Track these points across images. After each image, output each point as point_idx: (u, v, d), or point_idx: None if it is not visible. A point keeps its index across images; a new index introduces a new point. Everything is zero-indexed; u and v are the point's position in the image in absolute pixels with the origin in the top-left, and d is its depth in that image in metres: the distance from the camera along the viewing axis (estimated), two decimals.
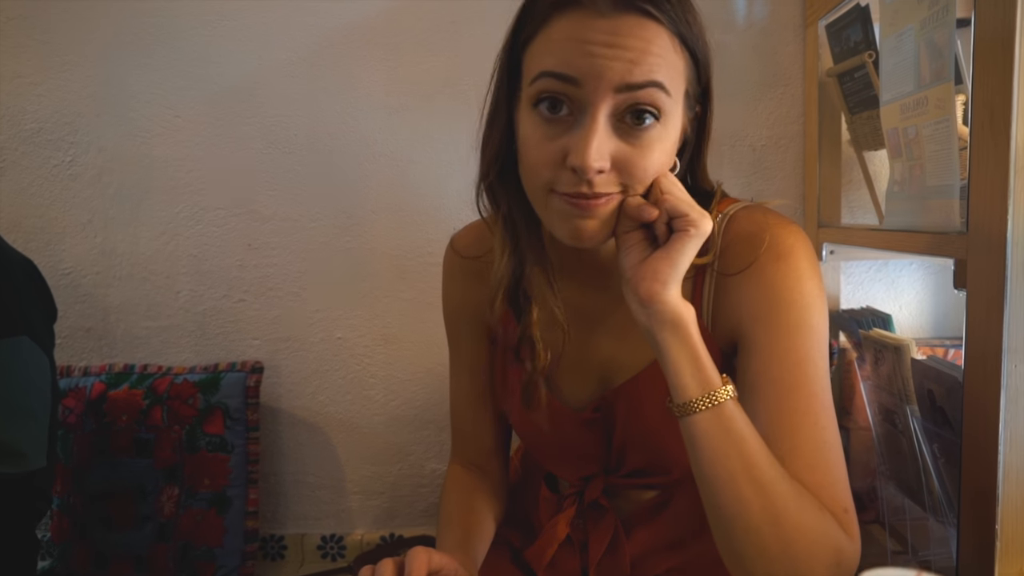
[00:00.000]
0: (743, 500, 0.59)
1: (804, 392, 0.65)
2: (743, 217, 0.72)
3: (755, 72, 1.29)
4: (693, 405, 0.61)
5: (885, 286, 1.33)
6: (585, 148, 0.59)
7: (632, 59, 0.59)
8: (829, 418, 0.66)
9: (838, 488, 0.64)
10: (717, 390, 0.60)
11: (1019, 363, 0.71)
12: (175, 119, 1.31)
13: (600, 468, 0.81)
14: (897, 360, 0.99)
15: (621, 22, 0.60)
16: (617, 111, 0.61)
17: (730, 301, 0.71)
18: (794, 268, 0.68)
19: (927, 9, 0.84)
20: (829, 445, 0.65)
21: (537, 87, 0.62)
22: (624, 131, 0.62)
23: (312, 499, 1.38)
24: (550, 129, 0.62)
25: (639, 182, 0.63)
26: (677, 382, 0.61)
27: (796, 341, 0.66)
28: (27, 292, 1.02)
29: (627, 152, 0.61)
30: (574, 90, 0.60)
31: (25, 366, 0.95)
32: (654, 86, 0.60)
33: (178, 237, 1.34)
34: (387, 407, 1.36)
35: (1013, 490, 0.72)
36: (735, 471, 0.59)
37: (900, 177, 0.96)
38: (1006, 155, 0.69)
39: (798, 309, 0.67)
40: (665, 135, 0.63)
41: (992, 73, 0.71)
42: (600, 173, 0.61)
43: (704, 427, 0.60)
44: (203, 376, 1.25)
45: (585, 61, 0.59)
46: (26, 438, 0.94)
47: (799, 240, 0.69)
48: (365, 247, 1.33)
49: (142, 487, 1.22)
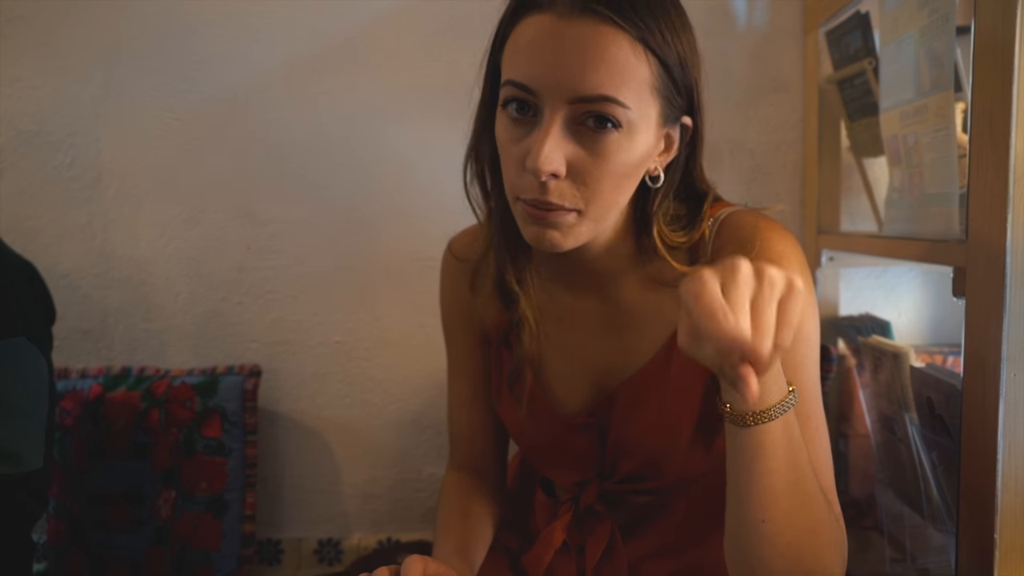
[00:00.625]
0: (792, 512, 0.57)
1: (801, 399, 0.65)
2: (734, 221, 0.72)
3: (755, 78, 1.29)
4: (769, 412, 0.56)
5: (884, 293, 1.33)
6: (538, 151, 0.60)
7: (582, 70, 0.59)
8: (822, 424, 0.67)
9: (834, 492, 0.65)
10: (789, 395, 0.58)
11: (1018, 372, 0.71)
12: (175, 122, 1.31)
13: (595, 473, 0.81)
14: (896, 367, 0.99)
15: (578, 26, 0.60)
16: (575, 116, 0.61)
17: None
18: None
19: (927, 17, 0.84)
20: (826, 450, 0.66)
21: (503, 93, 0.64)
22: (583, 136, 0.62)
23: (309, 503, 1.38)
24: (516, 131, 0.64)
25: (595, 194, 0.63)
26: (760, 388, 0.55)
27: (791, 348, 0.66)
28: (26, 293, 1.02)
29: (583, 159, 0.62)
30: (532, 98, 0.62)
31: (22, 367, 0.95)
32: (606, 100, 0.60)
33: (177, 240, 1.33)
34: (385, 411, 1.36)
35: (1012, 499, 0.72)
36: (790, 483, 0.57)
37: (900, 184, 0.96)
38: (1005, 163, 0.69)
39: None
40: (628, 146, 0.62)
41: (992, 81, 0.71)
42: (554, 177, 0.61)
43: (773, 437, 0.57)
44: (201, 379, 1.25)
45: (539, 71, 0.61)
46: (22, 439, 0.93)
47: (789, 246, 0.69)
48: (364, 250, 1.33)
49: (139, 490, 1.22)
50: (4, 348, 0.93)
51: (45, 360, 0.99)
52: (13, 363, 0.94)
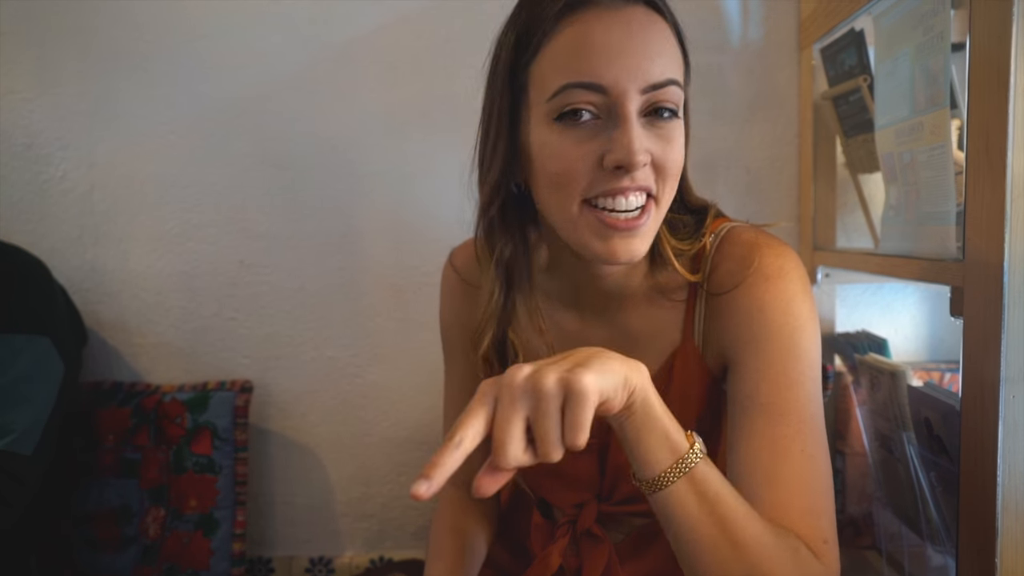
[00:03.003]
0: (724, 563, 0.56)
1: (794, 418, 0.64)
2: (734, 237, 0.71)
3: (750, 94, 1.29)
4: (664, 478, 0.56)
5: (881, 309, 1.33)
6: (629, 143, 0.59)
7: (650, 56, 0.60)
8: (819, 445, 0.64)
9: (822, 519, 0.62)
10: (686, 454, 0.56)
11: (1017, 393, 0.70)
12: (168, 135, 1.30)
13: (593, 495, 0.80)
14: (893, 386, 0.98)
15: (631, 15, 0.61)
16: (643, 109, 0.61)
17: (720, 321, 0.70)
18: (783, 290, 0.67)
19: (922, 35, 0.84)
20: (818, 474, 0.63)
21: (560, 100, 0.61)
22: (650, 125, 0.62)
23: (301, 521, 1.36)
24: (577, 134, 0.61)
25: (669, 175, 0.64)
26: (645, 458, 0.56)
27: (786, 365, 0.65)
28: (63, 307, 1.13)
29: (658, 145, 0.62)
30: (600, 97, 0.60)
31: (37, 364, 1.01)
32: (673, 84, 0.62)
33: (169, 254, 1.32)
34: (378, 427, 1.35)
35: (1012, 522, 0.71)
36: (715, 536, 0.56)
37: (896, 202, 0.96)
38: (1002, 182, 0.69)
39: (788, 332, 0.66)
40: (682, 128, 0.65)
41: (987, 99, 0.71)
42: (645, 165, 0.62)
43: (678, 497, 0.56)
44: (191, 395, 1.24)
45: (606, 65, 0.59)
46: (19, 419, 0.97)
47: (789, 261, 0.68)
48: (359, 265, 1.32)
49: (127, 508, 1.20)
50: (26, 341, 1.00)
51: (64, 369, 1.05)
52: (30, 357, 1.00)
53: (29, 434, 0.97)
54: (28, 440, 0.96)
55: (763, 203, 1.30)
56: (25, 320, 1.01)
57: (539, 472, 0.82)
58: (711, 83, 1.28)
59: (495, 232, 0.71)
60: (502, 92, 0.66)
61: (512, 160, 0.67)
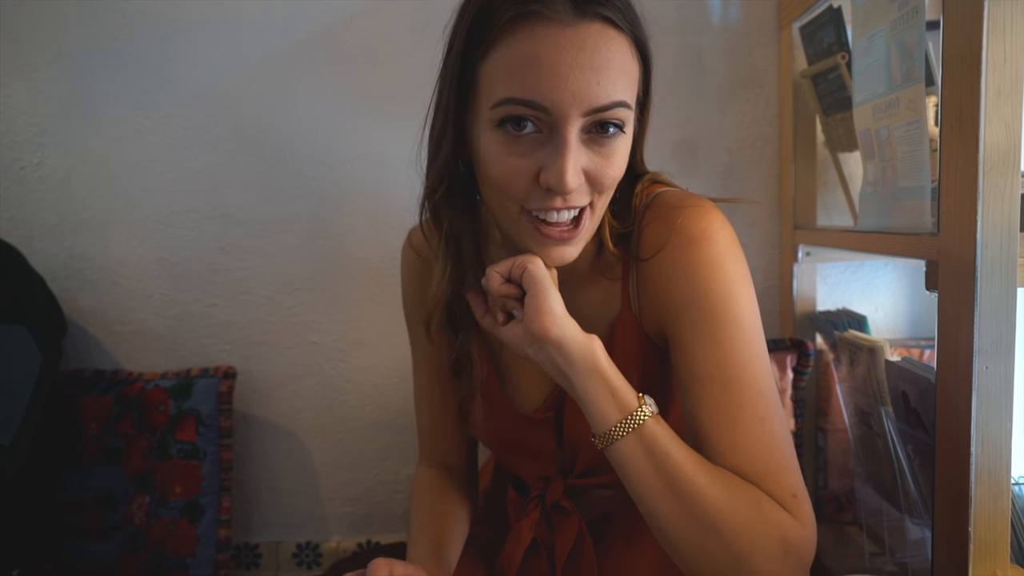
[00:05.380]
0: (674, 515, 0.60)
1: (736, 385, 0.63)
2: (661, 201, 0.71)
3: (730, 74, 1.29)
4: (614, 432, 0.61)
5: (861, 287, 1.34)
6: (562, 170, 0.59)
7: (598, 80, 0.58)
8: (769, 406, 0.64)
9: (785, 475, 0.63)
10: (634, 412, 0.62)
11: (990, 364, 0.71)
12: (145, 121, 1.29)
13: (557, 469, 0.81)
14: (871, 362, 0.99)
15: (585, 33, 0.58)
16: (586, 126, 0.61)
17: (651, 288, 0.70)
18: (707, 252, 0.65)
19: (897, 11, 0.84)
20: (771, 433, 0.63)
21: (502, 111, 0.60)
22: (591, 142, 0.62)
23: (287, 506, 1.36)
24: (517, 146, 0.61)
25: (607, 189, 0.64)
26: (596, 412, 0.62)
27: (720, 334, 0.64)
28: (42, 296, 1.13)
29: (596, 163, 0.62)
30: (542, 115, 0.59)
31: (14, 354, 1.00)
32: (620, 106, 0.60)
33: (149, 241, 1.31)
34: (362, 412, 1.35)
35: (985, 493, 0.72)
36: (662, 490, 0.60)
37: (873, 178, 0.96)
38: (975, 157, 0.69)
39: (715, 297, 0.65)
40: (627, 142, 0.64)
41: (960, 75, 0.71)
42: (577, 188, 0.61)
43: (628, 451, 0.61)
44: (174, 382, 1.23)
45: (551, 85, 0.58)
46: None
47: (714, 222, 0.67)
48: (339, 250, 1.31)
49: (111, 496, 1.20)
50: (3, 331, 0.99)
51: (41, 358, 1.04)
52: (7, 347, 0.99)
53: (6, 425, 0.96)
54: (5, 431, 0.96)
55: (744, 183, 1.30)
56: (1, 310, 1.00)
57: (504, 444, 0.83)
58: (691, 64, 1.28)
59: (441, 209, 0.72)
60: (451, 83, 0.65)
61: (460, 146, 0.67)
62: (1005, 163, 0.69)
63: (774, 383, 0.66)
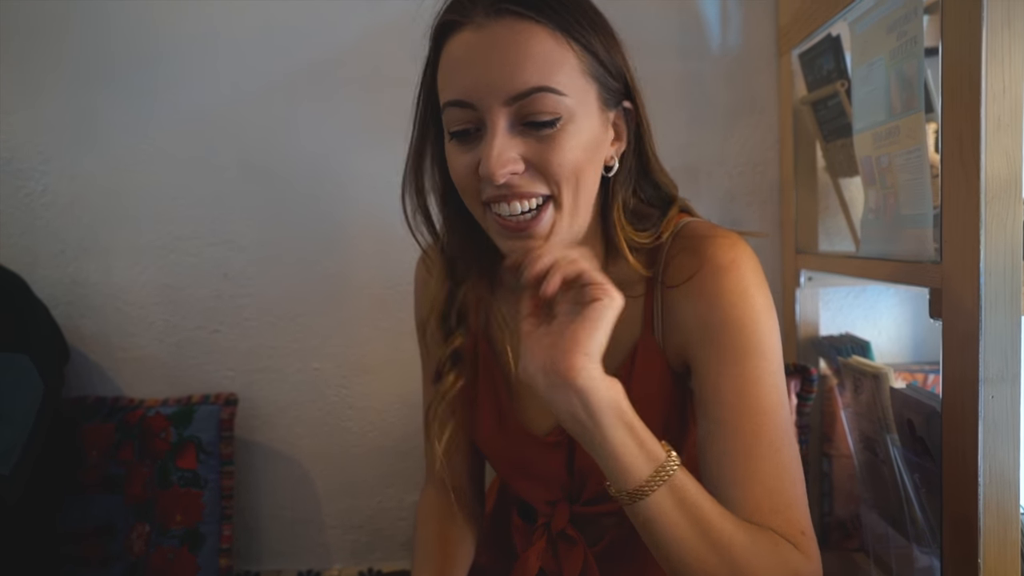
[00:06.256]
0: (708, 564, 0.58)
1: (757, 414, 0.64)
2: (690, 230, 0.72)
3: (730, 99, 1.29)
4: (646, 488, 0.56)
5: (864, 312, 1.33)
6: (487, 157, 0.61)
7: (512, 69, 0.61)
8: (785, 439, 0.64)
9: (795, 511, 0.63)
10: (664, 463, 0.57)
11: (996, 393, 0.71)
12: (149, 147, 1.30)
13: (564, 494, 0.80)
14: (876, 388, 0.99)
15: (498, 29, 0.62)
16: (517, 117, 0.62)
17: (676, 315, 0.70)
18: (736, 282, 0.66)
19: (895, 40, 0.85)
20: (786, 467, 0.64)
21: (446, 118, 0.66)
22: (527, 132, 0.63)
23: (289, 534, 1.35)
24: (464, 146, 0.65)
25: (560, 177, 0.63)
26: (623, 467, 0.57)
27: (745, 361, 0.65)
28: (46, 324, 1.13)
29: (537, 150, 0.63)
30: (472, 113, 0.63)
31: (16, 382, 1.00)
32: (540, 91, 0.61)
33: (152, 267, 1.31)
34: (365, 438, 1.34)
35: (994, 523, 0.71)
36: (695, 539, 0.57)
37: (875, 205, 0.96)
38: (976, 186, 0.70)
39: (743, 326, 0.65)
40: (575, 131, 0.63)
41: (960, 104, 0.71)
42: (514, 175, 0.63)
43: (660, 507, 0.57)
44: (175, 409, 1.23)
45: (470, 82, 0.62)
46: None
47: (742, 254, 0.68)
48: (342, 276, 1.31)
49: (111, 525, 1.19)
50: (5, 359, 0.98)
51: (44, 387, 1.03)
52: (9, 375, 0.98)
53: (7, 454, 0.95)
54: (6, 461, 0.95)
55: (745, 207, 1.31)
56: (3, 337, 1.00)
57: (511, 464, 0.83)
58: (692, 90, 1.29)
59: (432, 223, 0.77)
60: (423, 99, 0.72)
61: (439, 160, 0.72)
62: (1007, 192, 0.70)
63: (791, 416, 0.67)
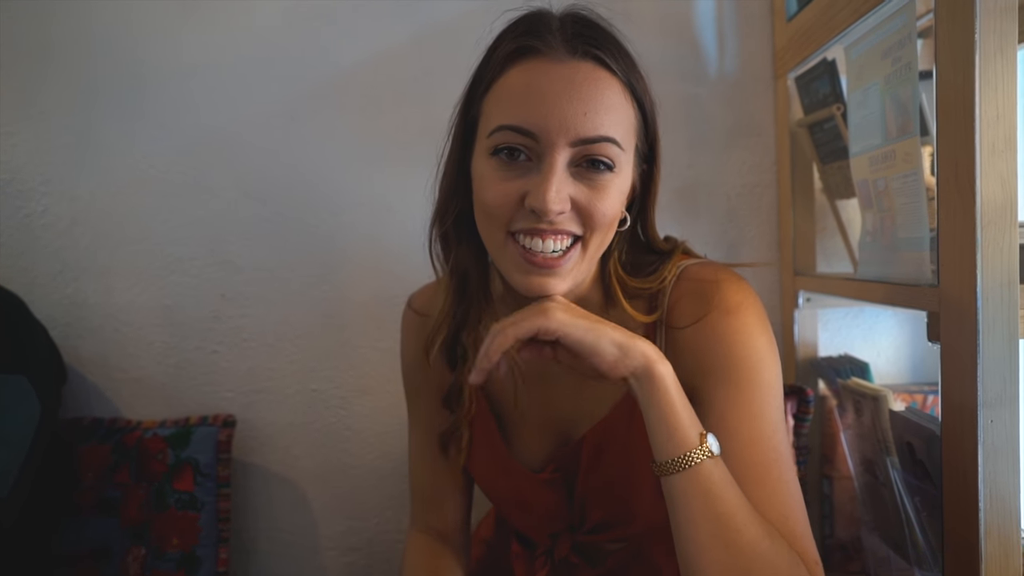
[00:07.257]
0: (718, 564, 0.58)
1: (763, 445, 0.65)
2: (692, 274, 0.73)
3: (727, 123, 1.30)
4: (668, 466, 0.60)
5: (862, 333, 1.34)
6: (545, 192, 0.61)
7: (586, 111, 0.61)
8: (789, 470, 0.67)
9: (805, 541, 0.64)
10: (692, 450, 0.60)
11: (995, 417, 0.71)
12: (149, 169, 1.30)
13: (565, 526, 0.80)
14: (875, 411, 0.99)
15: (576, 69, 0.62)
16: (574, 159, 0.63)
17: (682, 355, 0.71)
18: (743, 323, 0.69)
19: (890, 65, 0.85)
20: (793, 497, 0.65)
21: (495, 139, 0.64)
22: (581, 175, 0.64)
23: (286, 556, 1.34)
24: (508, 172, 0.64)
25: (597, 224, 0.65)
26: (655, 439, 0.61)
27: (750, 396, 0.67)
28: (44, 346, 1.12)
29: (586, 194, 0.64)
30: (531, 141, 0.62)
31: (14, 404, 0.99)
32: (606, 141, 0.63)
33: (151, 288, 1.31)
34: (363, 460, 1.33)
35: (995, 547, 0.71)
36: (711, 534, 0.58)
37: (872, 228, 0.97)
38: (972, 211, 0.70)
39: (750, 364, 0.68)
40: (619, 184, 0.66)
41: (955, 129, 0.72)
42: (560, 214, 0.63)
43: (680, 488, 0.60)
44: (173, 430, 1.22)
45: (540, 114, 0.61)
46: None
47: (748, 296, 0.71)
48: (341, 297, 1.32)
49: (107, 548, 1.18)
50: (2, 381, 0.98)
51: (41, 408, 1.03)
52: (6, 397, 0.98)
53: (3, 477, 0.95)
54: (2, 483, 0.95)
55: (743, 229, 1.31)
56: (1, 358, 1.00)
57: (508, 502, 0.82)
58: (691, 112, 1.30)
59: (448, 242, 0.75)
60: (458, 121, 0.72)
61: (460, 182, 0.71)
62: (1002, 216, 0.70)
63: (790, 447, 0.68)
